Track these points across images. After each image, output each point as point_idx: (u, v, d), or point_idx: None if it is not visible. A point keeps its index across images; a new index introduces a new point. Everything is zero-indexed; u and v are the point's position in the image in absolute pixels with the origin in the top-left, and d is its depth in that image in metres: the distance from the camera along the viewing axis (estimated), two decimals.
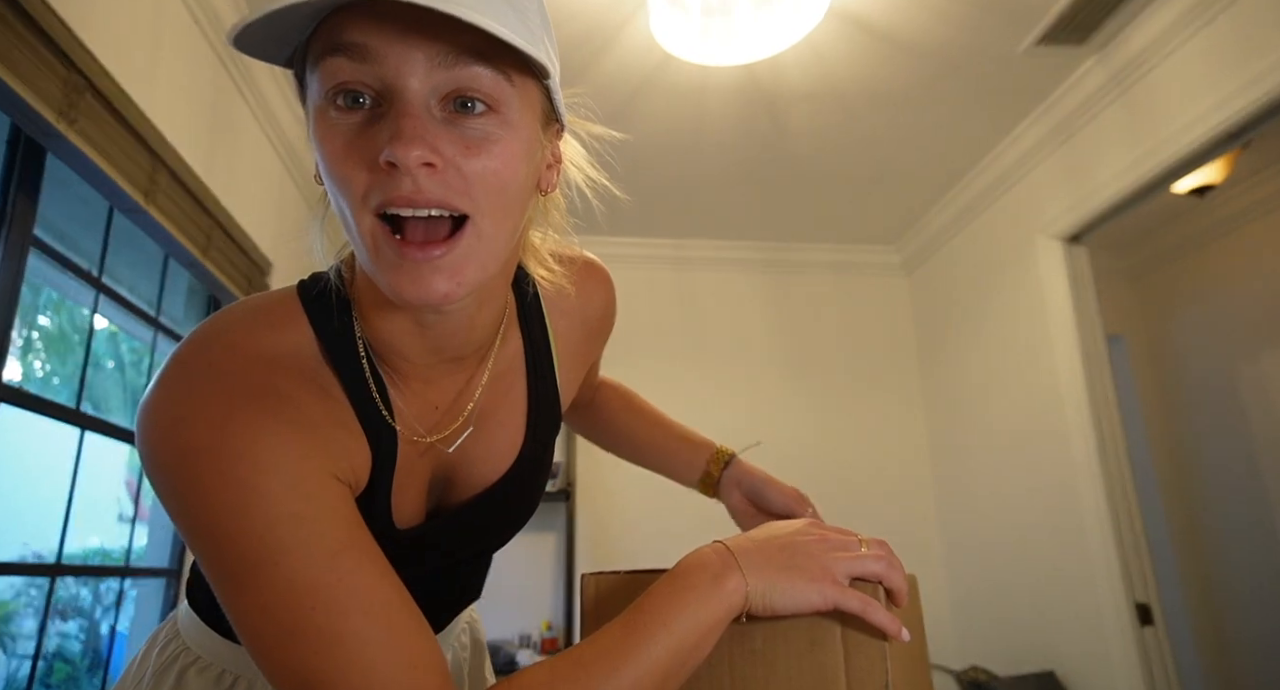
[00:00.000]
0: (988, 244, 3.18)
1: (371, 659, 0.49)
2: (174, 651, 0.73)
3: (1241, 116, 1.99)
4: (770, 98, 2.59)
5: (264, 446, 0.51)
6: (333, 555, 0.51)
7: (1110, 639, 2.46)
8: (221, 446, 0.50)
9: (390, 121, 0.48)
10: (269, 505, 0.50)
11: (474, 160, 0.50)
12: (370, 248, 0.51)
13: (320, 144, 0.50)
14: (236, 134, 2.34)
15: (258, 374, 0.54)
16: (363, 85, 0.49)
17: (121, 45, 1.66)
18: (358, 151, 0.49)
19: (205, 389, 0.52)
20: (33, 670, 1.74)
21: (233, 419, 0.51)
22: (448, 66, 0.49)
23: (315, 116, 0.51)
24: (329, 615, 0.49)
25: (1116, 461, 2.55)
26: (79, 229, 1.83)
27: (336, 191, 0.51)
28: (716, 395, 3.55)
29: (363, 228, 0.51)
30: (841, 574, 0.56)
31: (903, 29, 2.27)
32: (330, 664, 0.49)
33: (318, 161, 0.53)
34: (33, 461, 2.45)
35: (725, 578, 0.55)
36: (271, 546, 0.50)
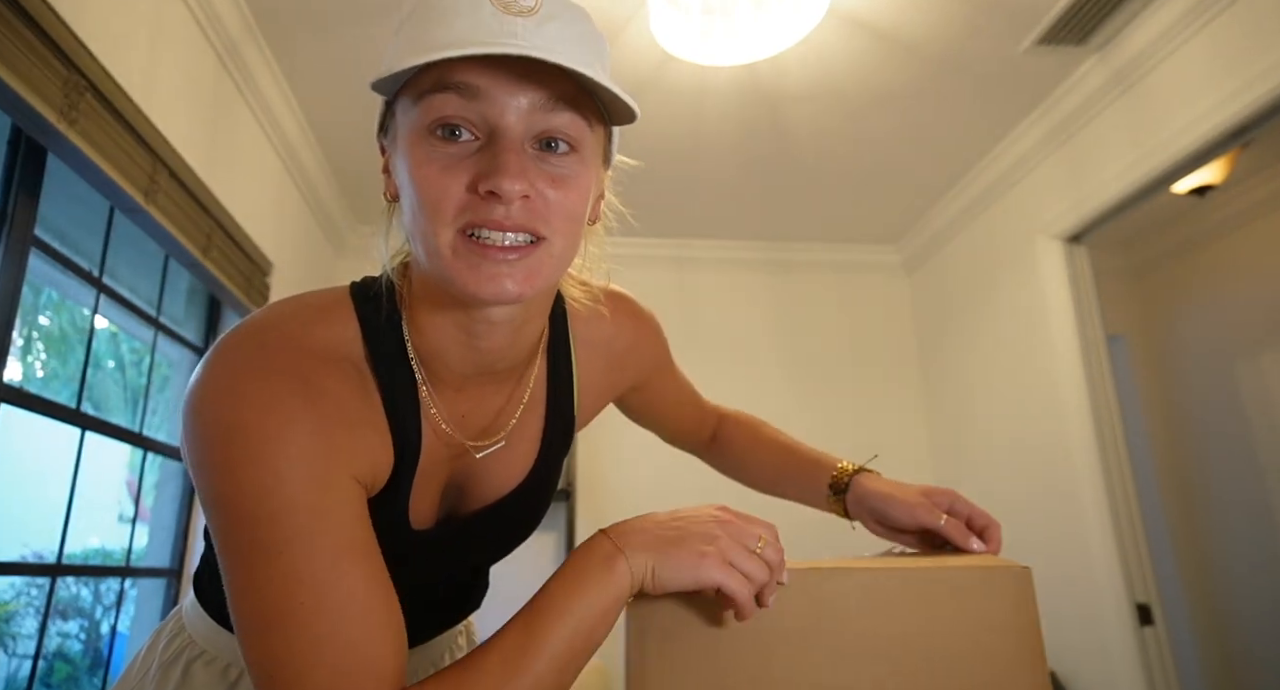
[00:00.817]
0: (988, 244, 3.18)
1: (344, 664, 0.52)
2: (180, 646, 0.73)
3: (1242, 116, 1.99)
4: (770, 98, 2.59)
5: (297, 437, 0.54)
6: (336, 554, 0.54)
7: (1110, 639, 2.45)
8: (258, 428, 0.53)
9: (492, 155, 0.55)
10: (289, 493, 0.53)
11: (556, 192, 0.57)
12: (448, 254, 0.56)
13: (415, 166, 0.56)
14: (236, 134, 2.34)
15: (305, 366, 0.58)
16: (466, 121, 0.55)
17: (121, 45, 1.66)
18: (454, 176, 0.55)
19: (254, 372, 0.56)
20: (33, 670, 1.74)
21: (274, 404, 0.54)
22: (545, 111, 0.56)
23: (411, 141, 0.57)
24: (316, 612, 0.52)
25: (1116, 461, 2.55)
26: (79, 229, 1.83)
27: (424, 207, 0.56)
28: (716, 395, 3.54)
29: (442, 240, 0.56)
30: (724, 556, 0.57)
31: (903, 29, 2.27)
32: (303, 659, 0.51)
33: (405, 180, 0.58)
34: (33, 461, 2.46)
35: (613, 562, 0.57)
36: (282, 533, 0.52)
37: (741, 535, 0.59)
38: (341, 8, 2.16)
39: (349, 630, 0.52)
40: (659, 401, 0.95)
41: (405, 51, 0.55)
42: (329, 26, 2.24)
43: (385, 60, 0.58)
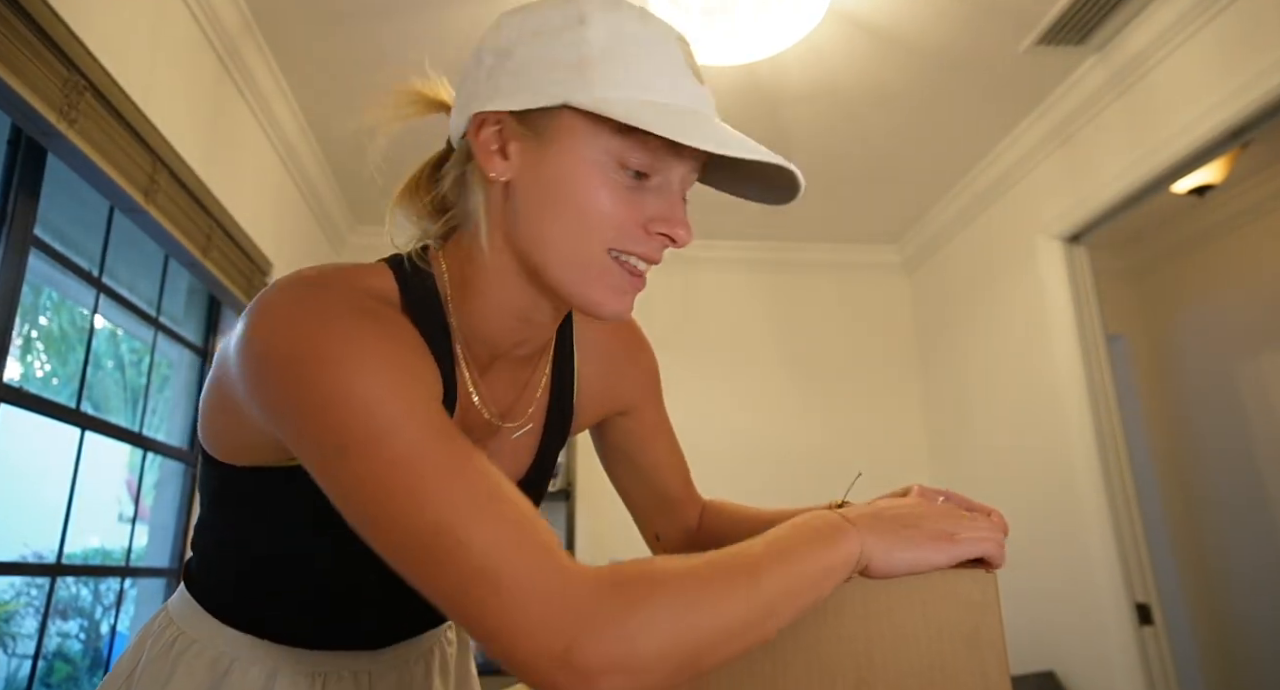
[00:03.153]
0: (988, 244, 3.18)
1: (510, 512, 0.51)
2: (169, 638, 0.73)
3: (1241, 116, 1.99)
4: (770, 98, 2.59)
5: (388, 341, 0.56)
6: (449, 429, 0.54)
7: (1110, 639, 2.46)
8: (348, 330, 0.55)
9: (669, 205, 0.63)
10: (394, 375, 0.54)
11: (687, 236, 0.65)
12: (594, 270, 0.62)
13: (593, 186, 0.60)
14: (236, 134, 2.34)
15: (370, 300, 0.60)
16: (644, 167, 0.61)
17: (121, 45, 1.66)
18: (627, 208, 0.61)
19: (328, 295, 0.58)
20: (33, 670, 1.74)
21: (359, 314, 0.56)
22: (694, 176, 0.66)
23: (591, 162, 0.60)
24: (449, 474, 0.51)
25: (1116, 461, 2.55)
26: (79, 229, 1.83)
27: (587, 222, 0.60)
28: (717, 395, 3.55)
29: (593, 255, 0.61)
30: (959, 535, 0.60)
31: (903, 29, 2.27)
32: (465, 508, 0.50)
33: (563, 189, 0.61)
34: (33, 461, 2.46)
35: (844, 531, 0.57)
36: (397, 409, 0.52)
37: (960, 502, 0.65)
38: (341, 8, 2.16)
39: (505, 484, 0.53)
40: (647, 443, 0.90)
41: (641, 103, 0.58)
42: (329, 26, 2.24)
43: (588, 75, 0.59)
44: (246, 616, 0.71)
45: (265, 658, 0.71)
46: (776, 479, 3.35)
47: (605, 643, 0.47)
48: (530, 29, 0.62)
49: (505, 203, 0.64)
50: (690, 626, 0.49)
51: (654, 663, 0.48)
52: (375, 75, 2.45)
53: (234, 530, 0.71)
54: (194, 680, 0.70)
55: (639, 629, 0.48)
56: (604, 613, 0.48)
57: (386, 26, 2.23)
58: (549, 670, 0.47)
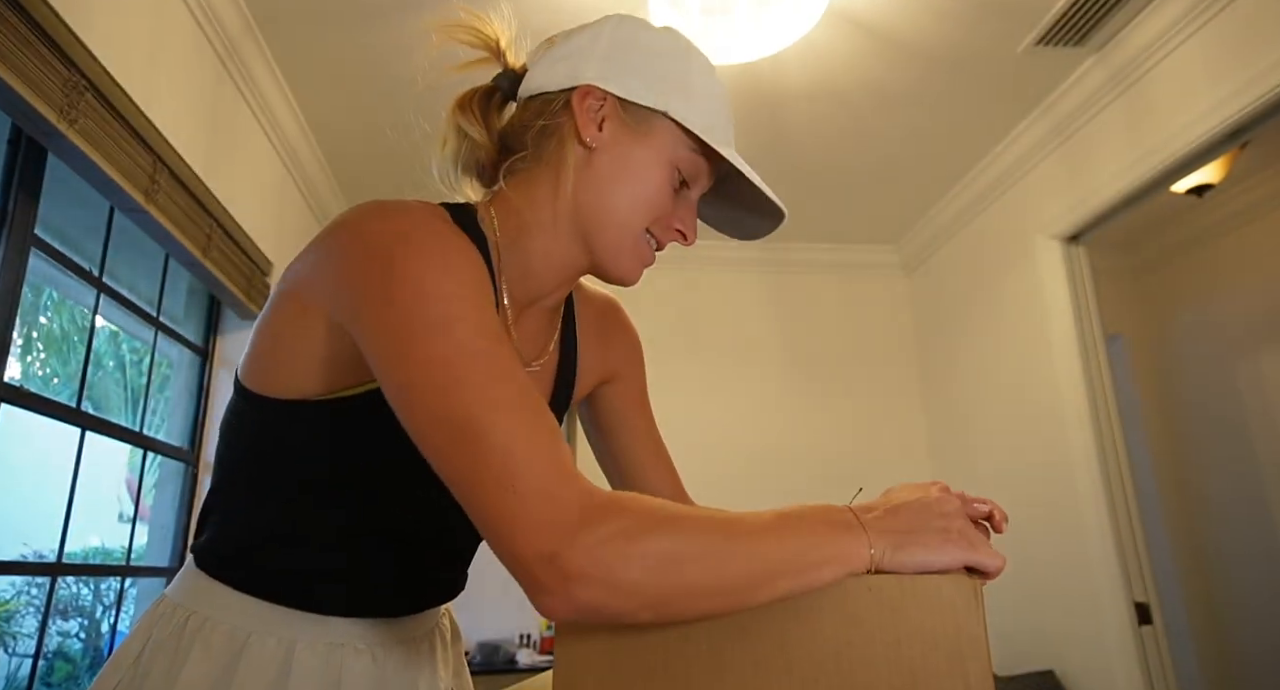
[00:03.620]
0: (987, 244, 3.18)
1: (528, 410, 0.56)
2: (180, 620, 0.72)
3: (1240, 116, 1.99)
4: (770, 97, 2.59)
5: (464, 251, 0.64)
6: (499, 337, 0.60)
7: (1109, 638, 2.46)
8: (431, 231, 0.63)
9: (687, 208, 0.79)
10: (463, 283, 0.61)
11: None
12: (630, 241, 0.75)
13: (659, 181, 0.75)
14: (236, 134, 2.34)
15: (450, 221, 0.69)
16: (691, 179, 0.77)
17: (121, 45, 1.66)
18: (669, 203, 0.76)
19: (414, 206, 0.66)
20: (33, 669, 1.74)
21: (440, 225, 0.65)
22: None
23: (664, 161, 0.74)
24: (493, 375, 0.57)
25: (1115, 460, 2.56)
26: (79, 229, 1.84)
27: (641, 204, 0.75)
28: (716, 395, 3.55)
29: (637, 228, 0.75)
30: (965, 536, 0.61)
31: (902, 29, 2.27)
32: (493, 406, 0.55)
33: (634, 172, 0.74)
34: (33, 461, 2.46)
35: (852, 530, 0.58)
36: (458, 310, 0.59)
37: (970, 512, 0.64)
38: (341, 8, 2.16)
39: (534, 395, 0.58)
40: (630, 417, 0.96)
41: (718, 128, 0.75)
42: (329, 26, 2.24)
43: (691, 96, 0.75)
44: (265, 582, 0.71)
45: (283, 628, 0.70)
46: (775, 477, 3.35)
47: (590, 555, 0.50)
48: (648, 42, 0.77)
49: (583, 164, 0.74)
50: (675, 569, 0.52)
51: (630, 588, 0.51)
52: (375, 75, 2.45)
53: (262, 482, 0.71)
54: (211, 656, 0.69)
55: (625, 552, 0.51)
56: (598, 530, 0.51)
57: (387, 26, 2.24)
58: (534, 566, 0.51)
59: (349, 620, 0.73)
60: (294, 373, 0.68)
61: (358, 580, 0.74)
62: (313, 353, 0.66)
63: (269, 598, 0.71)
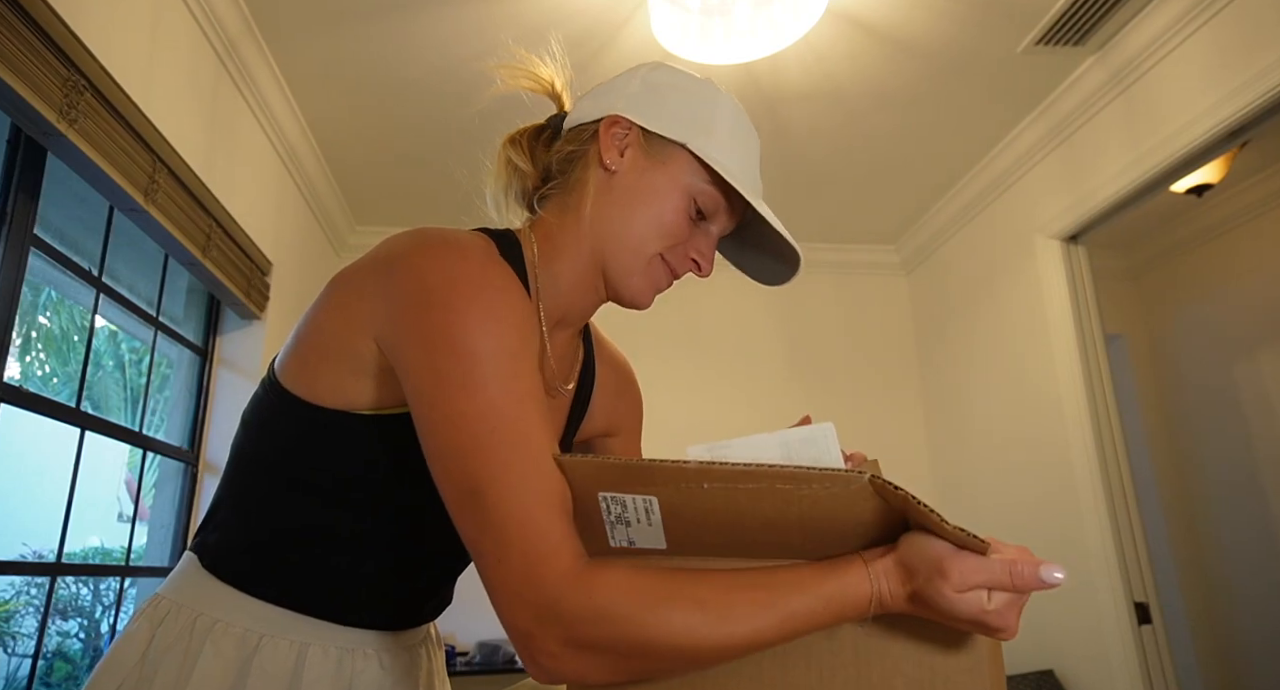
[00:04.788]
0: (987, 243, 3.18)
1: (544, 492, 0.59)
2: (187, 620, 0.71)
3: (1240, 116, 1.99)
4: (770, 98, 2.59)
5: (511, 296, 0.66)
6: (526, 396, 0.62)
7: (1109, 638, 2.46)
8: (484, 280, 0.65)
9: (705, 240, 0.80)
10: (504, 338, 0.63)
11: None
12: (643, 265, 0.77)
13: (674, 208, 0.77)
14: (236, 134, 2.34)
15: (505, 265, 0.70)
16: (708, 212, 0.79)
17: (121, 45, 1.66)
18: (684, 231, 0.78)
19: (469, 247, 0.68)
20: (33, 669, 1.74)
21: (492, 270, 0.67)
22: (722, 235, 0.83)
23: (681, 191, 0.77)
24: (511, 440, 0.60)
25: (1115, 460, 2.56)
26: (79, 229, 1.84)
27: (654, 228, 0.77)
28: (716, 395, 3.55)
29: (650, 251, 0.77)
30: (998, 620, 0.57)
31: (902, 29, 2.27)
32: (501, 479, 0.59)
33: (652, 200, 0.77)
34: (33, 461, 2.46)
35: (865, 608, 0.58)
36: (492, 370, 0.61)
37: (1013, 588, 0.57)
38: (341, 8, 2.16)
39: (544, 463, 0.60)
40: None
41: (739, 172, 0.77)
42: (329, 26, 2.24)
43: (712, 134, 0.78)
44: (276, 584, 0.71)
45: (294, 631, 0.70)
46: None
47: (557, 640, 0.55)
48: (678, 84, 0.81)
49: (604, 187, 0.78)
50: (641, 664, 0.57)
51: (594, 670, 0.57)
52: (375, 75, 2.45)
53: (285, 481, 0.72)
54: (223, 658, 0.69)
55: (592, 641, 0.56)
56: (567, 615, 0.55)
57: (386, 26, 2.23)
58: (515, 638, 0.57)
59: (357, 631, 0.74)
60: (341, 384, 0.70)
61: (370, 588, 0.74)
62: (362, 369, 0.69)
63: (279, 601, 0.71)
